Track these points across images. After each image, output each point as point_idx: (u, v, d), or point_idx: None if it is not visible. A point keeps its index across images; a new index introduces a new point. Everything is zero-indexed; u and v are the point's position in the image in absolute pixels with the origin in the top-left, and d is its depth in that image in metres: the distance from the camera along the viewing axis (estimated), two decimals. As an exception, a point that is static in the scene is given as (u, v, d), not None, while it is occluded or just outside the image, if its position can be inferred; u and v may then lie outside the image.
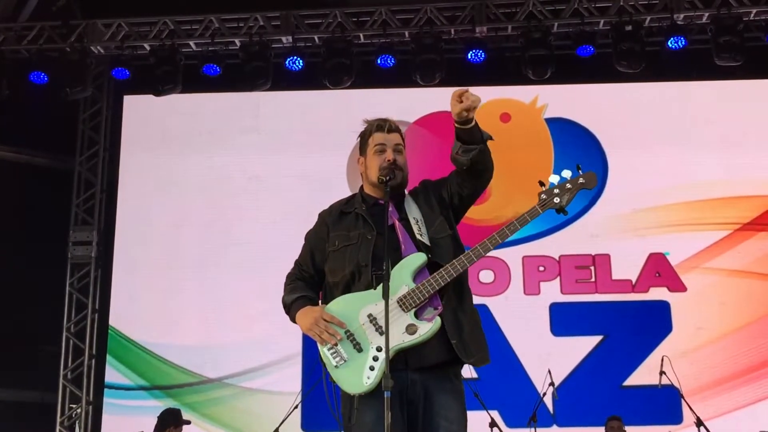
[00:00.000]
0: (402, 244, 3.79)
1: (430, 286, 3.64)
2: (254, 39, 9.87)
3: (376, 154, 4.02)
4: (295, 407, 8.21)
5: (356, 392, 3.58)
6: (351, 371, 3.62)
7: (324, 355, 3.71)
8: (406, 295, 3.65)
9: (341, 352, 3.65)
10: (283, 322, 10.05)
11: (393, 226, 3.85)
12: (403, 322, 3.62)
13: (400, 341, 3.59)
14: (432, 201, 4.01)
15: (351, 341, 3.66)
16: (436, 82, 9.76)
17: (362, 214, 3.91)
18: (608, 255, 9.69)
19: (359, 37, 10.05)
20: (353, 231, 3.88)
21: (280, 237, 9.68)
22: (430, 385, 3.67)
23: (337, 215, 4.01)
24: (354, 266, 3.77)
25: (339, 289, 3.81)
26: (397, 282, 3.68)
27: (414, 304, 3.64)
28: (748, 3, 9.75)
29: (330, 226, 3.98)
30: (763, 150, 9.85)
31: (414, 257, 3.74)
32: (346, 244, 3.85)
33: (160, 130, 10.30)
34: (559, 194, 3.83)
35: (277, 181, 10.02)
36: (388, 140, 4.05)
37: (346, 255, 3.82)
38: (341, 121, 10.08)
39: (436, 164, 9.89)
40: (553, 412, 8.97)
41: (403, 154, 4.09)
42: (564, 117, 10.13)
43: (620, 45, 9.62)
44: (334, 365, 3.67)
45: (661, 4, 9.84)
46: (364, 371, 3.59)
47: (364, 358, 3.61)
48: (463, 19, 10.01)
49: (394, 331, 3.55)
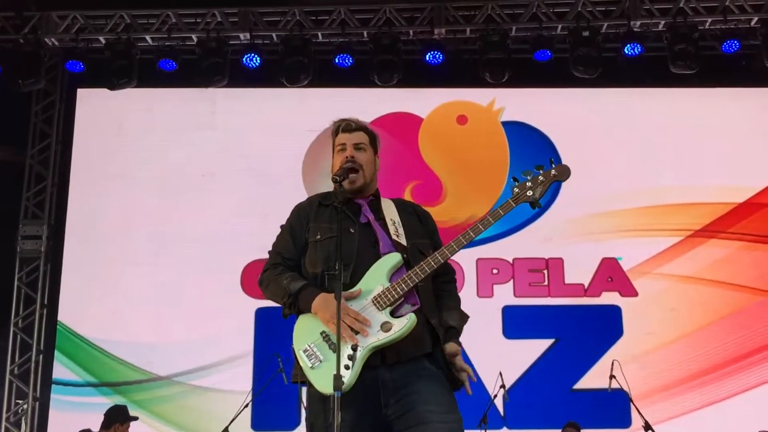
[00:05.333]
0: (380, 240, 3.80)
1: (404, 284, 3.63)
2: (211, 35, 9.80)
3: (338, 154, 4.05)
4: (246, 406, 8.19)
5: (330, 392, 3.44)
6: (326, 372, 3.51)
7: (299, 357, 3.63)
8: (381, 293, 3.63)
9: (316, 353, 3.60)
10: (235, 320, 10.05)
11: (368, 223, 3.87)
12: (378, 320, 3.59)
13: (375, 339, 3.56)
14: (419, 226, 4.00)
15: (326, 341, 3.61)
16: (393, 82, 9.78)
17: (341, 208, 3.83)
18: (561, 259, 9.74)
19: (317, 36, 10.02)
20: (334, 224, 3.80)
21: (233, 234, 9.67)
22: (408, 377, 3.63)
23: (316, 206, 3.99)
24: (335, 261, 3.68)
25: (318, 282, 3.76)
26: (373, 281, 3.68)
27: (388, 303, 3.62)
28: (703, 12, 9.88)
29: (310, 218, 3.94)
30: (715, 158, 9.96)
31: (390, 257, 3.74)
32: (330, 236, 3.80)
33: (114, 125, 10.17)
34: (531, 187, 3.85)
35: (232, 178, 9.94)
36: (349, 139, 4.06)
37: (330, 248, 3.77)
38: (298, 119, 10.07)
39: (391, 164, 9.97)
40: (504, 415, 9.00)
41: (367, 152, 4.06)
42: (520, 120, 10.17)
43: (577, 50, 9.69)
44: (310, 366, 3.59)
45: (618, 10, 9.93)
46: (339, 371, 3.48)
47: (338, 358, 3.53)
48: (422, 20, 10.01)
49: (369, 330, 3.55)
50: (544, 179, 3.84)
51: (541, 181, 3.84)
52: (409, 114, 10.18)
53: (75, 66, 9.85)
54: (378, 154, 4.14)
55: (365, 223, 3.87)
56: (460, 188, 9.94)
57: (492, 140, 10.10)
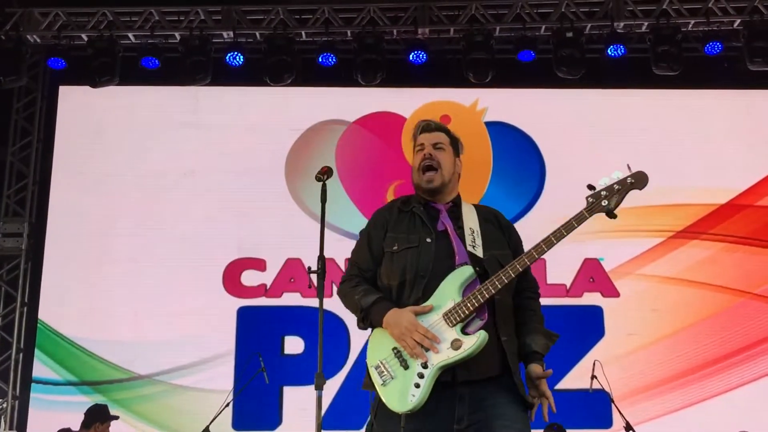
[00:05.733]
0: (456, 253, 3.68)
1: (475, 299, 3.52)
2: (194, 33, 9.78)
3: (417, 154, 3.99)
4: (227, 405, 8.17)
5: (401, 410, 3.44)
6: (397, 389, 3.48)
7: (372, 373, 3.58)
8: (451, 309, 3.53)
9: (388, 370, 3.54)
10: (216, 319, 10.01)
11: (446, 231, 3.77)
12: (449, 337, 3.49)
13: (445, 357, 3.47)
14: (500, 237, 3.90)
15: (398, 358, 3.53)
16: (377, 82, 9.79)
17: (419, 214, 3.83)
18: (543, 259, 9.55)
19: (301, 35, 10.01)
20: (412, 234, 3.77)
21: (215, 233, 9.65)
22: (482, 392, 3.55)
23: (396, 213, 3.89)
24: (413, 274, 3.67)
25: (393, 295, 3.69)
26: (444, 295, 3.58)
27: (459, 319, 3.51)
28: (686, 14, 9.92)
29: (389, 226, 3.84)
30: (697, 159, 10.00)
31: (462, 270, 3.62)
32: (408, 247, 3.73)
33: (96, 123, 10.10)
34: (607, 196, 3.70)
35: (214, 177, 9.89)
36: (428, 139, 3.98)
37: (407, 259, 3.71)
38: (281, 118, 10.07)
39: (375, 164, 9.97)
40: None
41: (447, 153, 3.98)
42: (503, 121, 10.17)
43: (560, 51, 9.73)
44: (381, 383, 3.53)
45: (601, 12, 9.96)
46: (409, 389, 3.46)
47: (409, 376, 3.49)
48: (406, 20, 10.02)
49: (439, 347, 3.48)
50: (620, 188, 3.70)
51: (617, 189, 3.70)
52: (393, 113, 10.17)
53: (57, 63, 9.79)
54: (460, 158, 4.05)
55: (442, 231, 3.76)
56: (443, 188, 9.92)
57: (475, 140, 10.08)
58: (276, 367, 8.89)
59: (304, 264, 9.30)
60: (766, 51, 9.71)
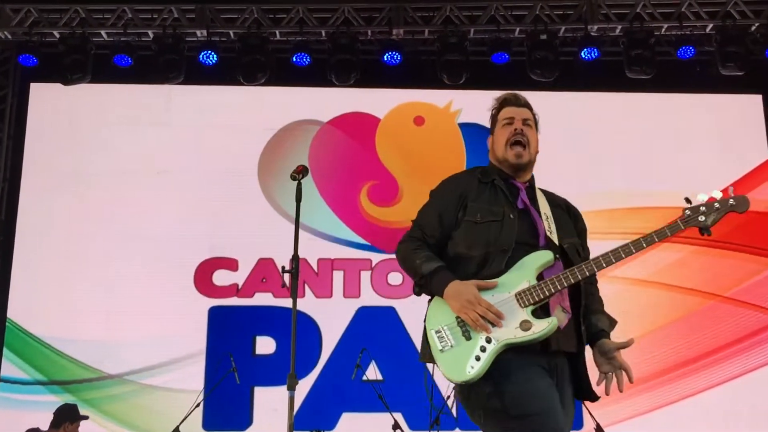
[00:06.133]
0: (540, 234, 3.68)
1: (553, 286, 3.52)
2: (168, 31, 9.73)
3: (504, 127, 3.89)
4: (197, 406, 8.15)
5: (456, 380, 3.43)
6: (455, 358, 3.45)
7: (431, 337, 3.54)
8: (526, 290, 3.52)
9: (448, 337, 3.51)
10: (188, 319, 9.96)
11: (527, 210, 3.73)
12: (518, 317, 3.48)
13: (512, 336, 3.46)
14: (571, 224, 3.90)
15: (461, 327, 3.50)
16: (351, 82, 9.78)
17: (501, 188, 3.77)
18: (515, 261, 9.73)
19: (275, 34, 9.98)
20: (495, 206, 3.70)
21: (187, 233, 9.61)
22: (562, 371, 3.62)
23: (476, 183, 3.80)
24: (496, 247, 3.61)
25: (472, 265, 3.61)
26: (520, 275, 3.57)
27: (532, 301, 3.50)
28: (659, 18, 9.98)
29: (469, 195, 3.75)
30: (668, 162, 10.04)
31: (543, 254, 3.61)
32: (492, 220, 3.66)
33: (68, 121, 10.02)
34: (705, 213, 3.68)
35: (187, 177, 9.84)
36: (517, 113, 3.91)
37: (490, 231, 3.64)
38: (254, 118, 10.04)
39: (348, 164, 9.97)
40: (456, 416, 8.99)
41: (533, 131, 3.93)
42: (477, 122, 10.15)
43: (534, 53, 9.76)
44: (440, 349, 3.50)
45: (575, 15, 10.00)
46: (468, 359, 3.42)
47: (471, 347, 3.46)
48: (381, 20, 10.01)
49: (505, 324, 3.47)
50: (720, 207, 3.66)
51: (716, 208, 3.67)
52: (367, 114, 10.16)
53: (28, 60, 9.70)
54: None
55: (523, 210, 3.72)
56: (417, 189, 9.90)
57: (449, 141, 10.11)
58: (247, 367, 8.88)
59: (277, 264, 9.28)
60: (738, 55, 9.78)
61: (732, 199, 3.66)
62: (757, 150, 10.27)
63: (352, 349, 8.87)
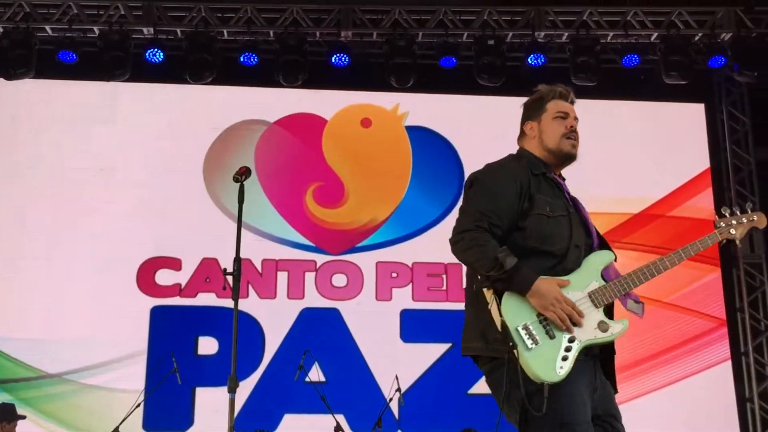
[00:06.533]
0: (592, 233, 3.73)
1: (622, 287, 3.59)
2: (114, 28, 9.65)
3: (556, 120, 3.88)
4: (137, 406, 8.07)
5: (548, 380, 3.38)
6: (542, 357, 3.43)
7: (514, 334, 3.44)
8: (598, 290, 3.56)
9: (534, 335, 3.46)
10: (130, 318, 9.84)
11: (576, 206, 3.77)
12: (596, 318, 3.53)
13: (592, 336, 3.51)
14: None
15: (543, 325, 3.47)
16: (298, 83, 9.77)
17: (554, 181, 3.77)
18: (460, 264, 9.72)
19: (223, 34, 9.94)
20: (557, 200, 3.69)
21: (131, 232, 9.51)
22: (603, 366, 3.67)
23: (530, 174, 3.72)
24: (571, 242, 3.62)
25: (547, 261, 3.58)
26: (589, 274, 3.61)
27: (605, 301, 3.55)
28: (605, 26, 10.10)
29: (531, 186, 3.68)
30: (612, 169, 10.13)
31: (606, 254, 3.68)
32: (561, 215, 3.66)
33: (11, 116, 9.86)
34: (735, 226, 3.88)
35: (131, 175, 9.73)
36: (571, 111, 3.93)
37: (563, 226, 3.64)
38: (201, 117, 9.97)
39: (294, 165, 9.94)
40: (399, 418, 9.03)
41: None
42: (424, 126, 10.22)
43: (482, 58, 9.83)
44: (528, 346, 3.43)
45: (523, 21, 10.09)
46: (557, 360, 3.43)
47: (556, 346, 3.45)
48: (329, 22, 10.02)
49: (587, 326, 3.50)
50: (745, 222, 3.88)
51: (743, 222, 3.88)
52: (314, 115, 10.14)
53: (-30, 54, 9.58)
54: None
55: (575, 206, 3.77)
56: (362, 191, 9.95)
57: (395, 144, 10.13)
58: (189, 367, 8.80)
59: (221, 264, 9.19)
60: (681, 65, 9.93)
61: (754, 215, 3.90)
62: (698, 159, 10.42)
63: (295, 350, 8.83)
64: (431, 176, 10.05)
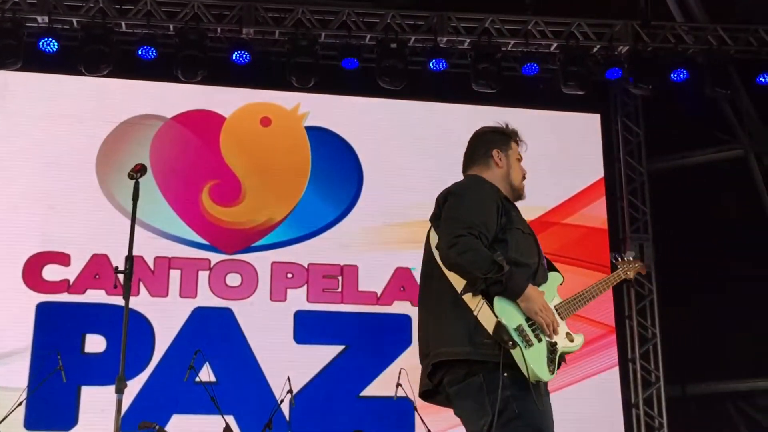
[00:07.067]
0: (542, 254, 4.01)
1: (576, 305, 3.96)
2: (6, 15, 9.35)
3: (518, 163, 4.22)
4: (19, 404, 7.85)
5: (544, 378, 3.63)
6: (538, 356, 3.62)
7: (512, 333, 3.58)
8: (560, 305, 3.87)
9: (528, 335, 3.63)
10: (13, 314, 9.55)
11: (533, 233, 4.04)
12: (563, 329, 3.81)
13: (564, 345, 3.77)
14: None
15: (532, 328, 3.66)
16: (198, 79, 9.64)
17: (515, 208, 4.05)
18: (356, 266, 9.78)
19: (121, 26, 9.74)
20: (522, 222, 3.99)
21: (17, 223, 9.24)
22: None
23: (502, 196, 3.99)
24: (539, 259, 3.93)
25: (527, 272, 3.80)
26: (550, 291, 3.89)
27: (566, 316, 3.87)
28: (507, 34, 10.22)
29: (505, 206, 3.93)
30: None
31: (558, 275, 4.01)
32: (530, 233, 3.96)
33: None
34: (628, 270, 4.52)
35: (21, 167, 9.41)
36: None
37: (532, 243, 3.93)
38: (95, 109, 9.74)
39: (191, 162, 9.79)
40: (289, 419, 8.93)
41: None
42: (324, 126, 10.17)
43: (384, 61, 9.86)
44: (525, 346, 3.60)
45: (426, 26, 10.15)
46: (545, 361, 3.64)
47: (543, 349, 3.65)
48: (231, 18, 9.92)
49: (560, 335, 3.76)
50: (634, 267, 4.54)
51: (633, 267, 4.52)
52: (212, 112, 9.99)
53: None
54: None
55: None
56: (259, 191, 9.85)
57: (294, 144, 10.07)
58: (75, 365, 8.58)
59: (111, 260, 9.03)
60: (579, 75, 10.13)
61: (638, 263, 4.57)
62: (592, 168, 10.61)
63: (186, 350, 8.67)
64: (330, 177, 10.01)
